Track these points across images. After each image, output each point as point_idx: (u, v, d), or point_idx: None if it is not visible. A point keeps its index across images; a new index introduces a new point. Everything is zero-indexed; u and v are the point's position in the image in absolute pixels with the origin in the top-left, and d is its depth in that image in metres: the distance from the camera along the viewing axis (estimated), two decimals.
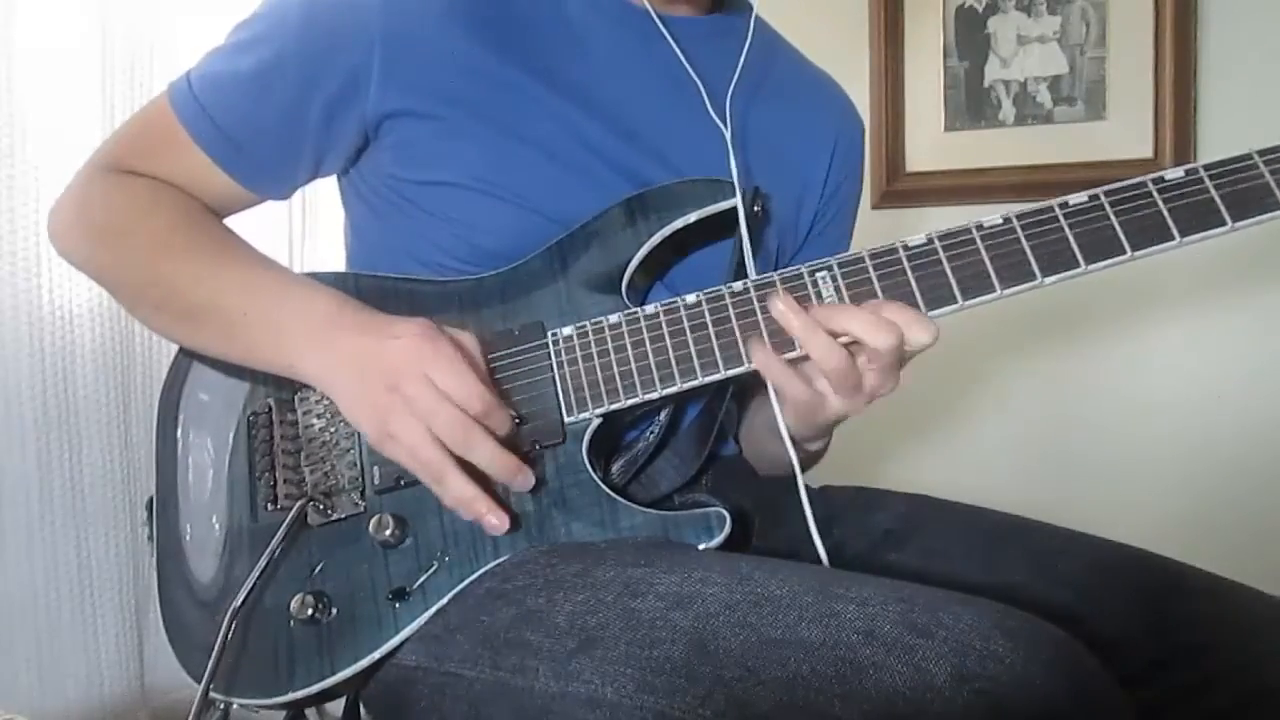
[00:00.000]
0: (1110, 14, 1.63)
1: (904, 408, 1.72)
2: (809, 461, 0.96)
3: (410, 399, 0.75)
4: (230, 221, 0.92)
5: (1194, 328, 1.60)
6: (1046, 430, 1.70)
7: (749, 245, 0.84)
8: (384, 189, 0.90)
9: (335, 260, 1.00)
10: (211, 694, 0.78)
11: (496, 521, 0.76)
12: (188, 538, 0.85)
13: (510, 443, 0.78)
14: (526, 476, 0.77)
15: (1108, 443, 1.66)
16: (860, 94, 1.68)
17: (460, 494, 0.76)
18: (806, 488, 0.99)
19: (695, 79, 0.89)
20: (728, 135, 0.87)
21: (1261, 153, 0.73)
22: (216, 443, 0.86)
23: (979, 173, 1.72)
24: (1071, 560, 0.82)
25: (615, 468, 0.86)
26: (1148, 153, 1.59)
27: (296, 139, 0.87)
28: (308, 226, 1.68)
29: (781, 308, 0.76)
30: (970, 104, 1.73)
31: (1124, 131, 1.61)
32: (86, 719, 1.36)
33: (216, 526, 0.84)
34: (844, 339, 0.75)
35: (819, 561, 0.79)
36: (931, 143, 1.75)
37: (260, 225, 1.46)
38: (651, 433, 0.86)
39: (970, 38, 1.72)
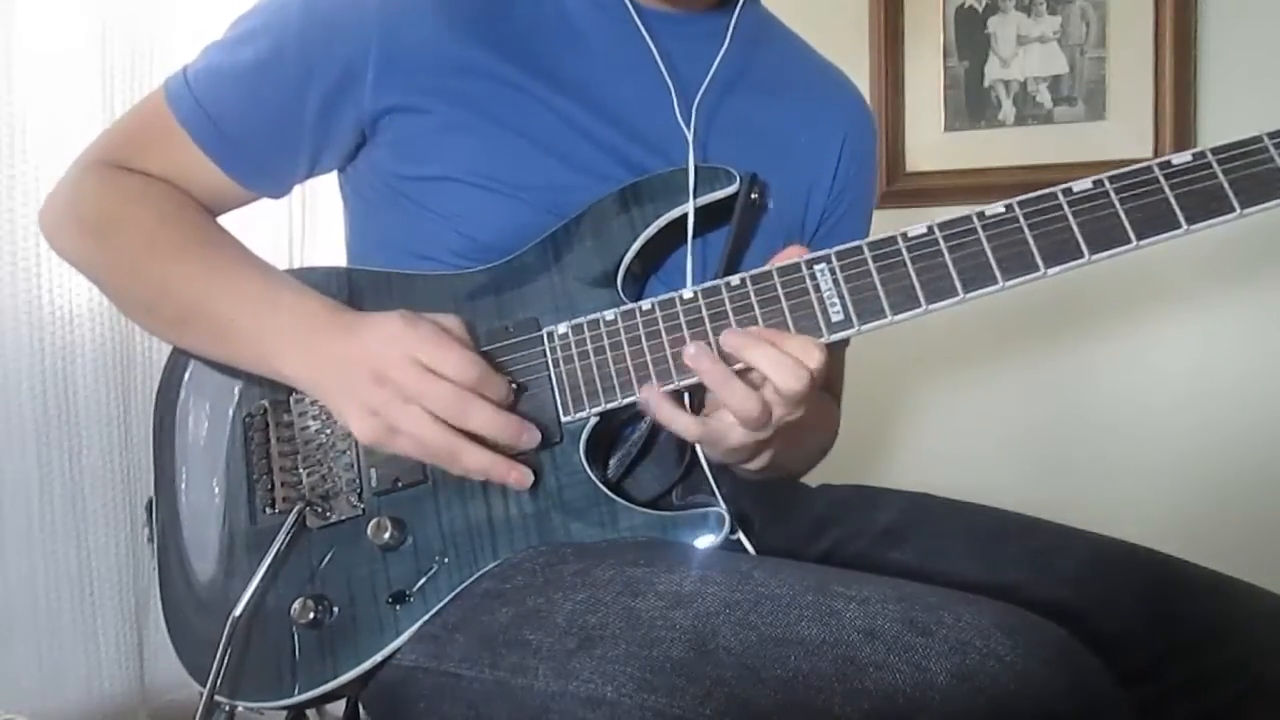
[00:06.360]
0: (1110, 14, 1.62)
1: (904, 406, 1.73)
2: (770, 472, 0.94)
3: (400, 384, 0.74)
4: (230, 219, 0.91)
5: (1197, 323, 1.60)
6: (1046, 428, 1.70)
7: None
8: (381, 184, 0.89)
9: (335, 257, 1.00)
10: (215, 697, 0.78)
11: (519, 476, 0.77)
12: (187, 540, 0.85)
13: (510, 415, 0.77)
14: (532, 435, 0.77)
15: (1107, 440, 1.65)
16: None
17: (478, 464, 0.76)
18: (806, 486, 1.00)
19: (668, 77, 0.88)
20: (689, 135, 0.86)
21: (1272, 135, 0.70)
22: (212, 445, 0.86)
23: (979, 173, 1.71)
24: (1071, 558, 0.82)
25: (612, 462, 0.85)
26: (1148, 153, 1.58)
27: (292, 134, 0.86)
28: (308, 224, 1.68)
29: (694, 353, 0.75)
30: (970, 104, 1.72)
31: (1124, 131, 1.61)
32: (86, 719, 1.36)
33: (216, 529, 0.84)
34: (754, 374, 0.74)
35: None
36: (931, 143, 1.75)
37: (260, 223, 1.46)
38: (646, 423, 0.86)
39: (970, 38, 1.72)
